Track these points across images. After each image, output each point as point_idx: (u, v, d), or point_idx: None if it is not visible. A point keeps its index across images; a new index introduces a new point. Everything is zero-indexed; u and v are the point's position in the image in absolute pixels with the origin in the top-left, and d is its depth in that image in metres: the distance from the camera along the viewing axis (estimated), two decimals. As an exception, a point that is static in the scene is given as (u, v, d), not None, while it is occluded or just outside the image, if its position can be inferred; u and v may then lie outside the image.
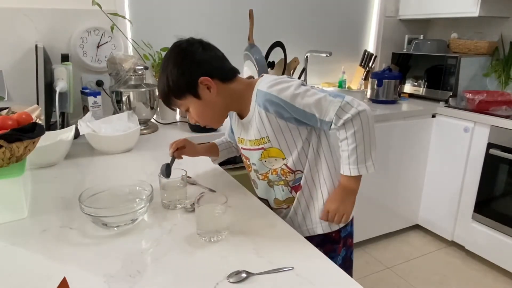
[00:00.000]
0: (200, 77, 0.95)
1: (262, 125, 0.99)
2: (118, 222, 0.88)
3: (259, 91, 0.97)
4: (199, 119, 1.02)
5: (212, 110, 1.01)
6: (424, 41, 2.71)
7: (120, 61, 1.70)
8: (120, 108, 1.72)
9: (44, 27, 1.79)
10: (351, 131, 0.94)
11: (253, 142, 1.04)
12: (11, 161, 0.94)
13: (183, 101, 0.98)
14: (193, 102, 0.98)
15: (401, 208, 2.48)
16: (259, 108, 0.98)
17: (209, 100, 0.97)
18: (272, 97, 0.94)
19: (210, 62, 0.98)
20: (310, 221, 1.10)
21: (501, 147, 2.04)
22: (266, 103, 0.96)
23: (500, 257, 2.14)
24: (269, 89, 0.95)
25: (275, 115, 0.97)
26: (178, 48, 0.98)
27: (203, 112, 1.00)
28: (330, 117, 0.93)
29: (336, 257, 1.13)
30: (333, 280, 0.74)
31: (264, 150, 1.03)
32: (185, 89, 0.96)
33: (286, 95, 0.93)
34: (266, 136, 1.00)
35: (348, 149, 0.96)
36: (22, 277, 0.74)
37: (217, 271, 0.74)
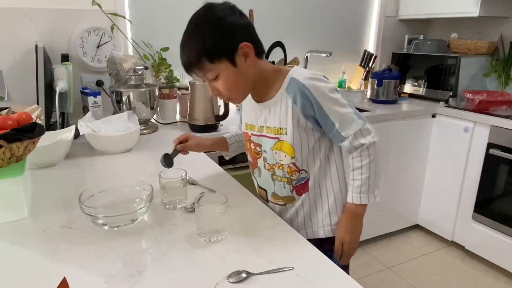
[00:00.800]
0: (242, 42, 0.89)
1: (285, 115, 0.97)
2: (118, 222, 0.88)
3: (294, 79, 0.94)
4: (226, 89, 0.95)
5: (243, 81, 0.95)
6: (424, 41, 2.71)
7: (120, 61, 1.70)
8: (120, 108, 1.72)
9: (44, 27, 1.79)
10: (367, 161, 0.96)
11: (271, 129, 1.01)
12: (11, 161, 0.94)
13: (215, 65, 0.90)
14: (227, 69, 0.91)
15: (401, 208, 2.48)
16: (288, 97, 0.95)
17: (243, 69, 0.92)
18: (306, 90, 0.92)
19: (249, 30, 0.93)
20: (311, 224, 1.09)
21: (501, 147, 2.04)
22: (297, 94, 0.93)
23: (500, 257, 2.14)
24: (306, 81, 0.93)
25: (300, 109, 0.95)
26: (217, 8, 0.90)
27: (234, 82, 0.93)
28: (348, 134, 0.95)
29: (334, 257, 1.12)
30: (333, 280, 0.74)
31: (278, 141, 1.00)
32: (223, 51, 0.89)
33: (319, 93, 0.93)
34: (285, 128, 0.98)
35: (361, 178, 0.97)
36: (22, 277, 0.74)
37: (217, 271, 0.74)
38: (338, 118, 0.94)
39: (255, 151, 1.10)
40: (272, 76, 0.99)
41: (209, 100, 1.73)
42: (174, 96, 1.96)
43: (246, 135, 1.11)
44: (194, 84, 1.73)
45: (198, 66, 0.91)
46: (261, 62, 0.98)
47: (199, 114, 1.73)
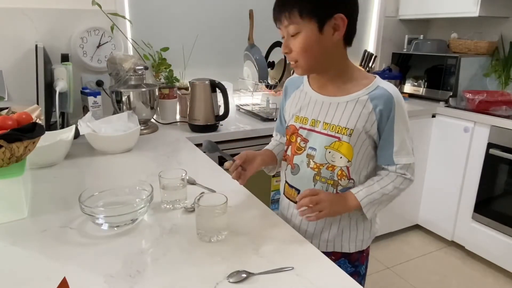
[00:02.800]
0: (340, 13, 0.85)
1: (357, 118, 0.92)
2: (118, 222, 0.88)
3: (382, 89, 0.92)
4: (299, 50, 0.90)
5: (319, 52, 0.90)
6: (424, 41, 2.71)
7: (120, 61, 1.70)
8: (120, 108, 1.72)
9: (44, 27, 1.79)
10: (396, 186, 0.95)
11: (335, 127, 0.95)
12: (11, 161, 0.94)
13: (303, 21, 0.86)
14: (310, 30, 0.87)
15: (401, 208, 2.48)
16: (369, 101, 0.92)
17: (326, 41, 0.88)
18: (392, 103, 0.91)
19: (353, 10, 0.90)
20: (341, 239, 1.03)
21: (501, 147, 2.04)
22: (381, 103, 0.91)
23: (500, 257, 2.14)
24: (395, 94, 0.92)
25: (377, 118, 0.92)
26: None
27: (310, 46, 0.88)
28: (399, 161, 0.95)
29: (360, 266, 1.09)
30: (333, 280, 0.74)
31: (338, 141, 0.95)
32: (317, 12, 0.85)
33: (399, 111, 0.92)
34: (352, 129, 0.93)
35: (380, 190, 0.95)
36: (22, 277, 0.74)
37: (217, 271, 0.74)
38: (400, 143, 0.94)
39: (298, 146, 1.02)
40: (355, 73, 0.97)
41: (209, 100, 1.73)
42: (174, 96, 1.96)
43: (293, 128, 1.03)
44: (194, 84, 1.73)
45: (288, 15, 0.88)
46: (345, 52, 0.95)
47: (199, 114, 1.73)
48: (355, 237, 1.05)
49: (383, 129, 0.93)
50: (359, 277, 1.10)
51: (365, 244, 1.08)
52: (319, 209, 0.92)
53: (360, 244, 1.06)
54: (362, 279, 1.11)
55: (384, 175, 0.97)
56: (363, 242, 1.06)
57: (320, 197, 0.92)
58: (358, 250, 1.06)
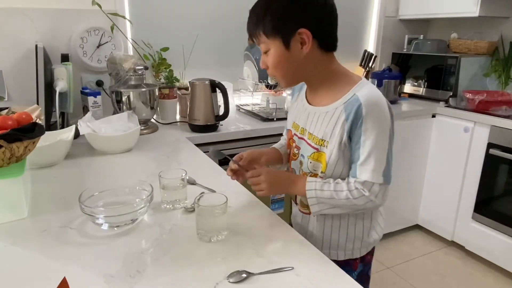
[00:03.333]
0: (302, 27, 0.85)
1: (332, 130, 0.90)
2: (118, 222, 0.88)
3: (356, 98, 0.87)
4: (272, 67, 0.92)
5: (291, 68, 0.91)
6: (424, 41, 2.71)
7: (120, 61, 1.70)
8: (120, 108, 1.72)
9: (44, 27, 1.78)
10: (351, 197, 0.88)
11: (314, 138, 0.95)
12: (11, 161, 0.94)
13: (268, 39, 0.88)
14: (278, 47, 0.88)
15: (401, 208, 2.48)
16: (343, 112, 0.88)
17: (295, 56, 0.88)
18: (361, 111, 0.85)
19: (322, 18, 0.87)
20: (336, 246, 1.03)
21: (501, 147, 2.04)
22: (352, 112, 0.86)
23: (500, 257, 2.14)
24: (365, 102, 0.86)
25: (348, 128, 0.88)
26: None
27: (281, 63, 0.90)
28: (360, 175, 0.88)
29: (351, 272, 1.05)
30: (333, 280, 0.74)
31: (316, 152, 0.95)
32: (279, 30, 0.86)
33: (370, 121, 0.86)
34: (327, 141, 0.92)
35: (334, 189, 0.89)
36: (22, 277, 0.74)
37: (217, 271, 0.75)
38: (366, 156, 0.87)
39: (293, 152, 1.04)
40: (337, 79, 0.93)
41: (209, 100, 1.73)
42: (174, 96, 1.96)
43: (290, 134, 1.06)
44: (194, 84, 1.73)
45: (255, 34, 0.90)
46: (327, 59, 0.92)
47: (199, 114, 1.73)
48: (344, 246, 1.02)
49: (353, 139, 0.89)
50: None
51: (356, 254, 1.04)
52: (259, 189, 0.95)
53: (350, 253, 1.03)
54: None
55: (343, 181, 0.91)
56: (353, 251, 1.03)
57: (260, 179, 0.94)
58: (348, 258, 1.03)
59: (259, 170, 0.96)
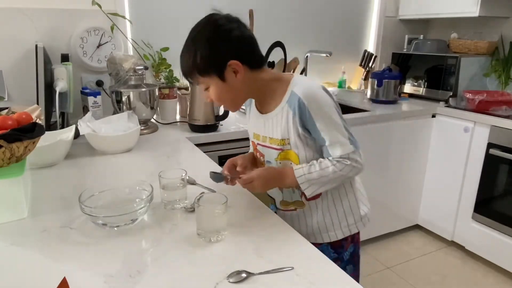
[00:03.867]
0: (230, 60, 0.92)
1: (286, 126, 0.98)
2: (118, 222, 0.88)
3: (294, 93, 0.95)
4: (217, 100, 0.99)
5: (234, 95, 0.98)
6: (424, 41, 2.71)
7: (120, 61, 1.70)
8: (120, 108, 1.72)
9: (44, 27, 1.79)
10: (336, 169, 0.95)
11: (274, 140, 1.02)
12: (11, 161, 0.94)
13: (205, 78, 0.95)
14: (216, 82, 0.95)
15: (401, 208, 2.48)
16: (289, 109, 0.96)
17: (233, 84, 0.95)
18: (302, 104, 0.93)
19: (242, 46, 0.95)
20: (326, 229, 1.09)
21: (501, 147, 2.04)
22: (296, 108, 0.95)
23: (500, 257, 2.14)
24: (303, 95, 0.94)
25: (299, 120, 0.96)
26: (214, 23, 0.94)
27: (224, 94, 0.97)
28: (334, 154, 0.95)
29: (343, 252, 1.13)
30: (333, 280, 0.74)
31: (282, 151, 1.01)
32: (212, 68, 0.93)
33: (314, 109, 0.93)
34: (288, 139, 0.99)
35: (320, 170, 0.95)
36: (22, 277, 0.74)
37: (217, 271, 0.75)
38: (329, 138, 0.95)
39: (259, 161, 1.11)
40: (273, 85, 1.00)
41: (209, 100, 1.73)
42: (174, 96, 1.96)
43: (253, 144, 1.11)
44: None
45: (191, 76, 0.97)
46: (258, 75, 0.98)
47: (199, 114, 1.73)
48: (339, 225, 1.08)
49: (310, 129, 0.97)
50: (342, 262, 1.13)
51: (353, 229, 1.10)
52: (254, 191, 1.01)
53: (347, 230, 1.09)
54: (346, 264, 1.14)
55: (326, 159, 0.98)
56: (350, 227, 1.09)
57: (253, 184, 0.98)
58: (346, 236, 1.09)
59: (251, 177, 0.99)
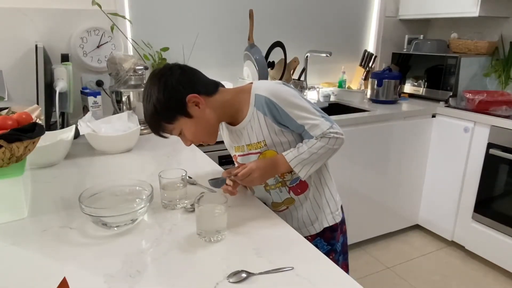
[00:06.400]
0: (187, 96, 0.96)
1: (259, 129, 1.02)
2: (118, 222, 0.88)
3: (258, 95, 1.00)
4: (194, 138, 1.03)
5: (206, 125, 1.02)
6: (424, 41, 2.71)
7: (120, 61, 1.70)
8: (120, 108, 1.72)
9: (44, 27, 1.79)
10: (322, 144, 0.99)
11: (252, 146, 1.05)
12: (11, 161, 0.94)
13: (174, 124, 0.99)
14: (185, 122, 0.98)
15: (401, 208, 2.48)
16: (258, 112, 1.00)
17: (200, 116, 0.99)
18: (269, 101, 0.98)
19: (192, 80, 0.99)
20: (316, 218, 1.12)
21: (501, 147, 2.04)
22: (265, 107, 0.99)
23: (500, 257, 2.14)
24: (268, 93, 0.98)
25: (271, 118, 1.00)
26: (158, 75, 0.98)
27: (197, 130, 1.01)
28: (315, 134, 0.99)
29: (336, 244, 1.17)
30: (333, 280, 0.74)
31: (260, 154, 1.05)
32: (175, 111, 0.97)
33: (282, 101, 0.98)
34: (263, 140, 1.02)
35: (308, 149, 0.99)
36: (22, 277, 0.74)
37: (217, 271, 0.75)
38: (305, 121, 0.99)
39: None
40: (236, 99, 1.04)
41: (209, 100, 1.73)
42: (174, 96, 1.96)
43: (235, 158, 1.14)
44: (194, 84, 1.73)
45: (162, 129, 1.00)
46: (217, 97, 1.02)
47: (199, 114, 1.73)
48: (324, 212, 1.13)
49: (285, 122, 1.00)
50: (336, 254, 1.17)
51: (337, 217, 1.15)
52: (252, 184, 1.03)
53: (331, 218, 1.14)
54: (339, 255, 1.18)
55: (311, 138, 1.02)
56: (333, 214, 1.14)
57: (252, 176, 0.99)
58: (331, 224, 1.14)
59: (248, 170, 1.00)
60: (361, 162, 2.19)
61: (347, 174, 2.16)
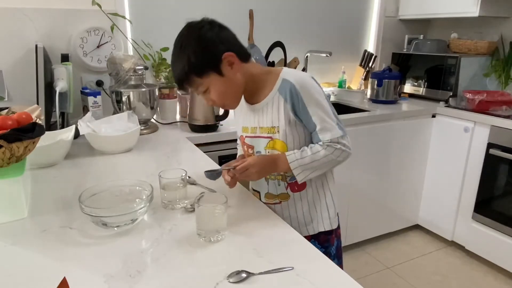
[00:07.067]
0: (224, 53, 0.94)
1: (277, 114, 1.01)
2: (118, 222, 0.88)
3: (285, 80, 0.99)
4: (219, 98, 1.00)
5: (234, 88, 1.00)
6: (424, 41, 2.71)
7: (120, 61, 1.70)
8: (120, 108, 1.72)
9: (44, 27, 1.79)
10: (327, 153, 0.99)
11: (264, 129, 1.05)
12: (11, 161, 0.94)
13: (204, 79, 0.96)
14: (215, 80, 0.96)
15: (401, 208, 2.48)
16: (280, 96, 1.00)
17: (231, 77, 0.97)
18: (295, 89, 0.97)
19: (229, 39, 0.98)
20: (311, 220, 1.11)
21: (501, 147, 2.04)
22: (288, 94, 0.98)
23: (500, 257, 2.14)
24: (295, 81, 0.98)
25: (290, 107, 0.99)
26: (196, 26, 0.96)
27: (224, 90, 0.99)
28: (324, 138, 0.99)
29: (330, 247, 1.16)
30: (333, 280, 0.74)
31: (271, 140, 1.04)
32: (208, 65, 0.94)
33: (306, 94, 0.98)
34: (278, 127, 1.02)
35: (311, 155, 0.98)
36: (22, 277, 0.74)
37: (217, 271, 0.74)
38: (320, 122, 0.99)
39: (247, 154, 1.13)
40: (263, 77, 1.03)
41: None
42: (174, 96, 1.96)
43: (242, 138, 1.14)
44: (194, 84, 1.73)
45: (189, 82, 0.97)
46: (248, 66, 1.02)
47: (199, 114, 1.73)
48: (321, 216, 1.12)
49: (301, 114, 1.00)
50: (330, 257, 1.14)
51: (334, 223, 1.14)
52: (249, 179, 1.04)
53: (328, 223, 1.12)
54: (333, 258, 1.17)
55: (316, 144, 1.01)
56: (330, 220, 1.13)
57: (249, 171, 1.00)
58: (327, 229, 1.12)
59: (246, 165, 1.00)
60: (361, 162, 2.19)
61: (347, 174, 2.16)
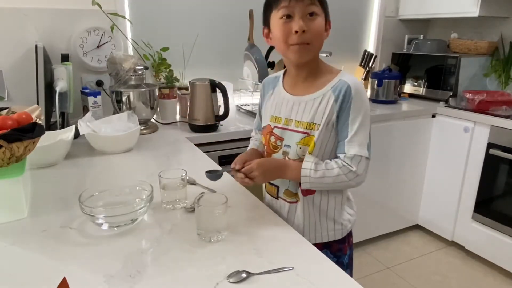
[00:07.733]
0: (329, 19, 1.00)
1: (323, 112, 0.98)
2: (118, 222, 0.88)
3: (343, 81, 0.98)
4: (314, 33, 0.97)
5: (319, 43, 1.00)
6: (424, 41, 2.71)
7: (120, 61, 1.70)
8: (120, 108, 1.72)
9: (44, 27, 1.78)
10: (341, 173, 0.97)
11: (302, 123, 1.01)
12: (11, 161, 0.94)
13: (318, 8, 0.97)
14: (322, 19, 0.98)
15: (401, 208, 2.48)
16: (332, 95, 0.98)
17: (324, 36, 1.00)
18: (349, 91, 0.96)
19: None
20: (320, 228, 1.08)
21: (501, 147, 2.04)
22: (341, 93, 0.96)
23: (500, 257, 2.14)
24: (353, 84, 0.97)
25: (338, 105, 0.97)
26: None
27: (321, 34, 0.99)
28: (349, 151, 0.97)
29: (343, 256, 1.13)
30: (333, 280, 0.74)
31: (307, 136, 1.01)
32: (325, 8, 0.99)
33: (357, 102, 0.96)
34: (318, 124, 0.99)
35: (325, 170, 0.97)
36: (22, 277, 0.74)
37: (217, 271, 0.75)
38: (354, 132, 0.96)
39: (273, 145, 1.08)
40: (324, 69, 1.04)
41: (209, 100, 1.73)
42: (174, 96, 1.96)
43: (269, 128, 1.09)
44: (194, 84, 1.73)
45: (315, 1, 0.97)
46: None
47: (199, 114, 1.73)
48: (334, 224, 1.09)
49: (341, 118, 0.98)
50: (343, 267, 1.12)
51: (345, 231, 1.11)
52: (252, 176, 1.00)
53: (332, 234, 1.10)
54: (346, 268, 1.14)
55: (333, 160, 0.99)
56: (342, 227, 1.10)
57: (253, 174, 0.99)
58: (337, 238, 1.10)
59: (251, 167, 0.99)
60: (361, 162, 2.19)
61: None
